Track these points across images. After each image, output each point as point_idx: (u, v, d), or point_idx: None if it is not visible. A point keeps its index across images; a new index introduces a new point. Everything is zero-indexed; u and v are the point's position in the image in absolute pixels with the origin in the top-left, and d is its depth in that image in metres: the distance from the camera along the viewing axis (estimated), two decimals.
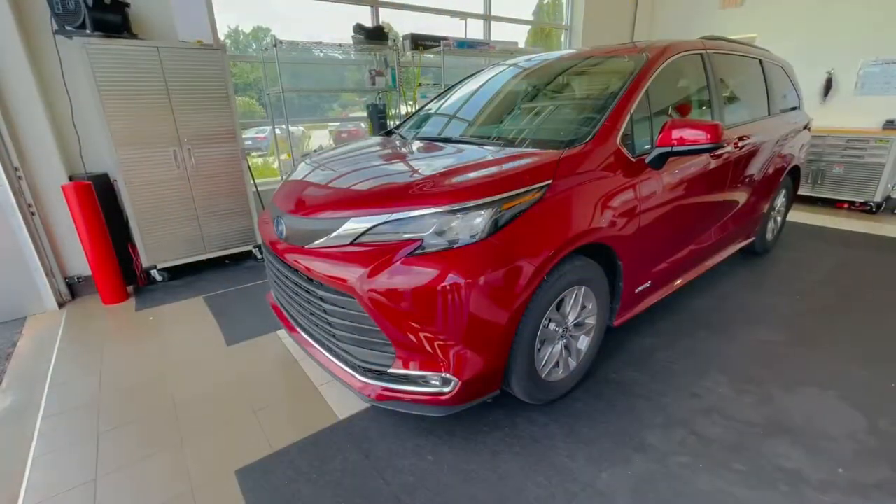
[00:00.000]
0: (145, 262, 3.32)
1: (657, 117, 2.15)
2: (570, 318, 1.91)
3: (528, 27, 6.37)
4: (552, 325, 1.85)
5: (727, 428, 1.81)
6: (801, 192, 5.38)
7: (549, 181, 1.67)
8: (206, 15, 3.31)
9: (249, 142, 5.41)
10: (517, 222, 1.58)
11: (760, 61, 3.18)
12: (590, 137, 1.88)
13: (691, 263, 2.63)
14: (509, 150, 1.91)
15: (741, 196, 2.91)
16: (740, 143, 2.67)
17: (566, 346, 1.96)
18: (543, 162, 1.72)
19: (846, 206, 5.23)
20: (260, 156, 5.30)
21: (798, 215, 4.95)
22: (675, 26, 6.61)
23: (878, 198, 4.91)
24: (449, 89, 3.03)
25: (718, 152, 2.47)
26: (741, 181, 2.83)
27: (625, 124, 1.97)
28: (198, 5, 3.26)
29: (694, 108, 2.55)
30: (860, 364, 2.22)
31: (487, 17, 5.47)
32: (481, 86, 2.84)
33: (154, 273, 3.42)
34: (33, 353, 2.57)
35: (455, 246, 1.51)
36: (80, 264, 3.22)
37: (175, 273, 3.57)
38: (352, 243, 1.63)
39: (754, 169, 2.95)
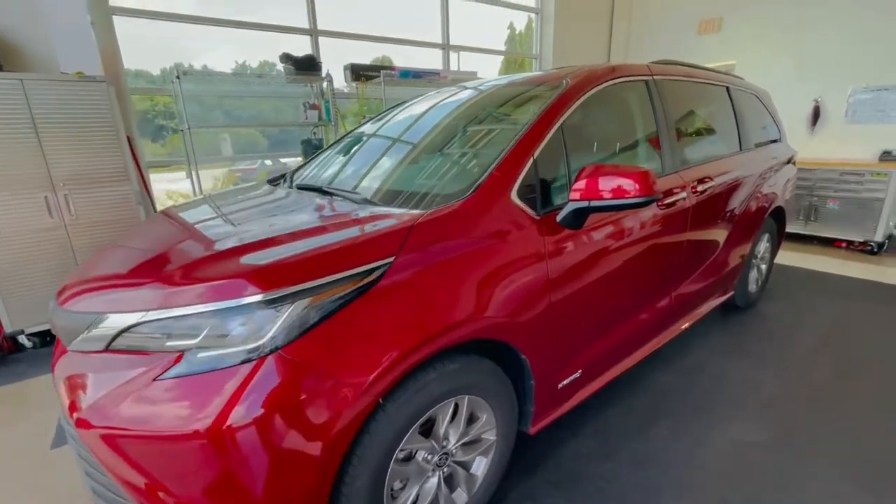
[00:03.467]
0: (8, 326, 2.81)
1: (577, 162, 1.65)
2: (452, 440, 1.38)
3: (502, 57, 6.07)
4: (420, 455, 1.31)
5: None
6: (794, 230, 4.87)
7: (391, 258, 1.16)
8: (94, 45, 2.92)
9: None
10: (335, 320, 1.07)
11: (727, 89, 2.73)
12: (470, 192, 1.39)
13: (643, 337, 2.09)
14: (362, 212, 1.41)
15: (709, 248, 2.40)
16: (699, 188, 2.18)
17: (449, 478, 1.42)
18: (386, 231, 1.21)
19: (844, 245, 4.70)
20: None
21: (790, 256, 4.41)
22: (651, 54, 6.24)
23: (878, 237, 4.38)
24: (357, 126, 2.59)
25: (667, 201, 1.97)
26: (707, 231, 2.32)
27: (525, 173, 1.47)
28: (83, 35, 2.87)
29: (638, 148, 2.07)
30: (862, 481, 1.65)
31: (445, 47, 5.13)
32: (392, 121, 2.38)
33: (22, 339, 2.91)
34: None
35: (232, 363, 1.00)
36: None
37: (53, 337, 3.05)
38: (106, 349, 1.12)
39: (724, 215, 2.45)
